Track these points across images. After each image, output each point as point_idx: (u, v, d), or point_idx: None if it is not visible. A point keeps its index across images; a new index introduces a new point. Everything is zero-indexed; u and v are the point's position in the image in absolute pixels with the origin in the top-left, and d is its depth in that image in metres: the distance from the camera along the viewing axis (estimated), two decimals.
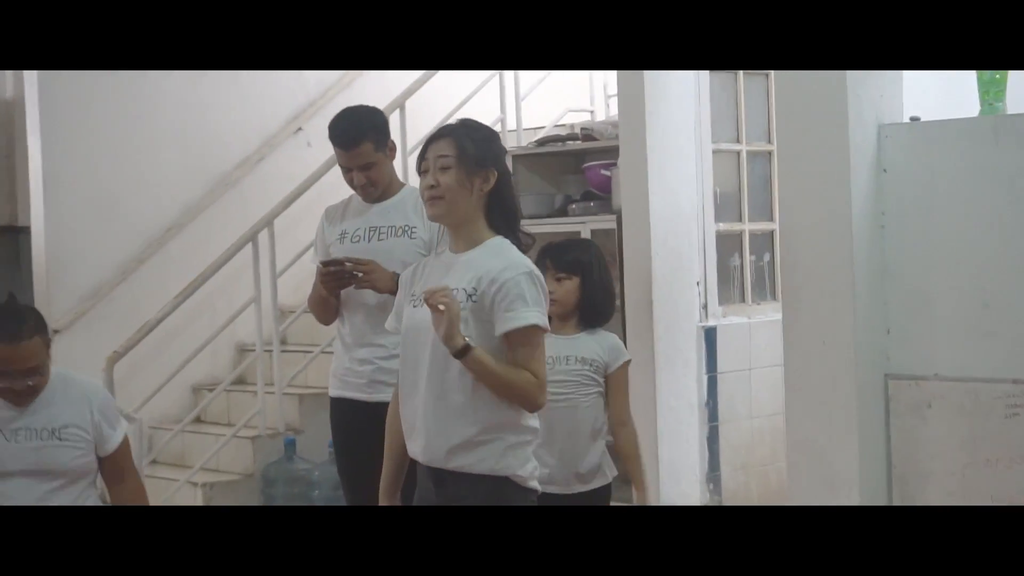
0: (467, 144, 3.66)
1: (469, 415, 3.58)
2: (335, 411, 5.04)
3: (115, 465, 4.19)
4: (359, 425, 4.91)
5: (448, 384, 3.60)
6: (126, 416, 4.53)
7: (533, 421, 3.69)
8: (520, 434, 3.64)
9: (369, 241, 4.91)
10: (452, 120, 3.58)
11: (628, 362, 4.57)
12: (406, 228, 4.90)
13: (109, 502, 4.33)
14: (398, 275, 4.75)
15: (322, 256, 5.02)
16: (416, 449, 3.68)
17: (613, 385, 4.50)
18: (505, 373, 3.57)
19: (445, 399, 3.60)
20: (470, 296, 3.59)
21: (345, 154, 4.87)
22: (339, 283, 4.81)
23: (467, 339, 3.52)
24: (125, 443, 4.21)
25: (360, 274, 4.76)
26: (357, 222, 4.97)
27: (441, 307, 3.49)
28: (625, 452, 4.57)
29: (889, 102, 5.09)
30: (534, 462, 3.69)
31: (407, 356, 3.71)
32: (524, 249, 3.72)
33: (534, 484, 3.67)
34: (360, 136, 4.83)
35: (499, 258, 3.63)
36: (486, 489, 3.59)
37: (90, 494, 4.19)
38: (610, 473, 4.55)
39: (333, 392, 5.04)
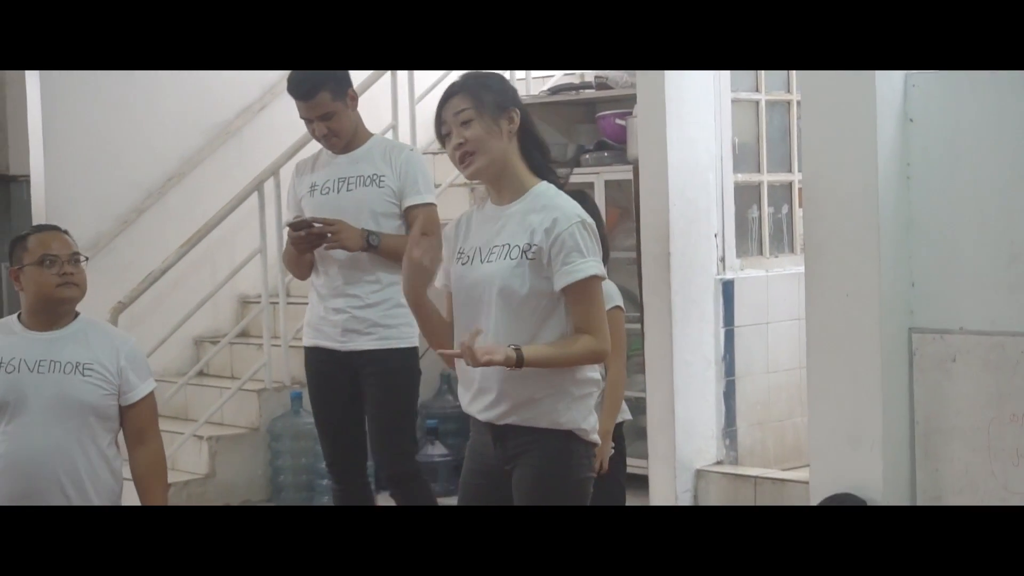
0: (481, 93, 3.55)
1: (532, 374, 3.48)
2: (310, 360, 5.05)
3: (137, 421, 4.12)
4: (333, 373, 4.94)
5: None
6: None
7: (595, 373, 3.63)
8: (584, 387, 3.58)
9: (338, 192, 4.89)
10: (458, 74, 3.47)
11: (616, 308, 4.47)
12: (375, 177, 4.87)
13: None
14: (368, 231, 4.73)
15: (294, 210, 5.03)
16: (475, 407, 3.61)
17: None
18: (561, 353, 3.50)
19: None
20: (524, 252, 3.50)
21: (304, 105, 4.85)
22: (309, 244, 4.80)
23: (513, 347, 3.41)
24: (149, 400, 4.16)
25: (329, 235, 4.74)
26: (325, 173, 4.95)
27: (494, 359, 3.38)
28: (605, 396, 4.48)
29: None
30: (595, 415, 3.63)
31: (460, 316, 3.61)
32: (562, 186, 3.63)
33: (594, 437, 3.61)
34: (316, 86, 4.80)
35: (549, 209, 3.53)
36: (550, 443, 3.53)
37: (112, 452, 4.12)
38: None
39: (307, 341, 5.05)
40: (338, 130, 4.86)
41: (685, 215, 5.97)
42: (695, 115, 6.02)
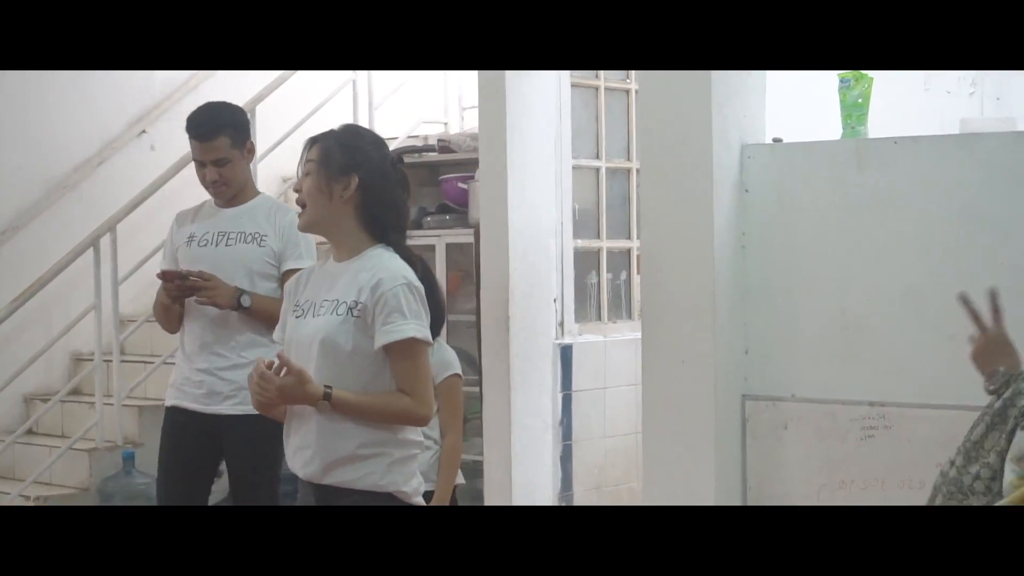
0: (332, 149, 3.59)
1: (350, 430, 3.49)
2: (168, 421, 4.94)
3: None
4: (191, 436, 4.85)
5: None
6: None
7: (416, 435, 3.62)
8: (405, 448, 3.57)
9: (217, 246, 4.83)
10: (303, 128, 3.50)
11: (455, 375, 4.54)
12: (256, 235, 4.82)
13: None
14: (241, 291, 4.67)
15: (169, 260, 4.95)
16: (297, 464, 3.60)
17: (440, 396, 4.38)
18: (376, 405, 3.51)
19: (327, 414, 3.50)
20: (351, 309, 3.51)
21: (200, 146, 4.78)
22: (181, 293, 4.74)
23: (325, 387, 3.45)
24: None
25: (203, 288, 4.69)
26: (206, 225, 4.89)
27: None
28: (441, 462, 4.54)
29: (752, 122, 5.10)
30: (419, 478, 3.63)
31: None
32: (409, 259, 3.64)
33: (418, 500, 3.60)
34: (217, 128, 4.76)
35: (377, 269, 3.54)
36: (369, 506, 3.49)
37: None
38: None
39: (168, 402, 4.95)
40: (229, 179, 4.80)
41: (526, 279, 5.99)
42: (536, 180, 6.05)
